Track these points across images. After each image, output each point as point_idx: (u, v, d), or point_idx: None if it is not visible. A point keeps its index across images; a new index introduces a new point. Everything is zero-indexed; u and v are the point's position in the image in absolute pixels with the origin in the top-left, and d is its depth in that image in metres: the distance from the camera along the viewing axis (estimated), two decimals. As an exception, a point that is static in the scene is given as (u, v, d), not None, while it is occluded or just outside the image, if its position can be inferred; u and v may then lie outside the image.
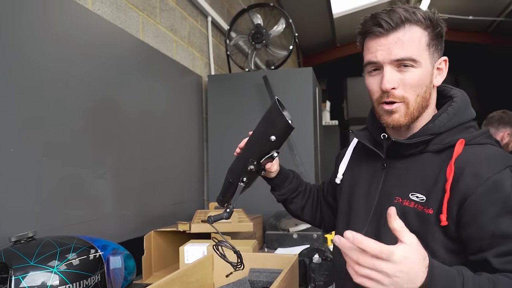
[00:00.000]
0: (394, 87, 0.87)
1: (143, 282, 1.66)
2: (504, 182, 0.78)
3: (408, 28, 0.86)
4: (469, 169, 0.81)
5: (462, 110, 0.90)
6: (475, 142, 0.86)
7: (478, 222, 0.78)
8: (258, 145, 0.98)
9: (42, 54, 1.34)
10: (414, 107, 0.88)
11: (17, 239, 1.04)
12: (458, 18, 6.23)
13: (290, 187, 1.19)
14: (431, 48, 0.88)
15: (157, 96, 2.10)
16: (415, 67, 0.86)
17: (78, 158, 1.49)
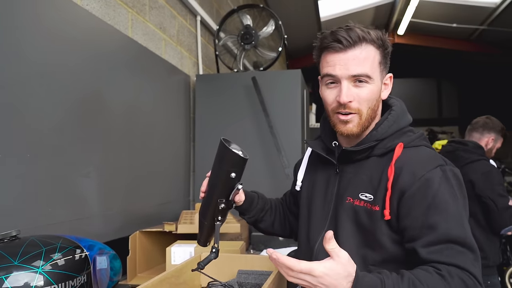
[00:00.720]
0: (351, 100, 0.96)
1: (128, 283, 1.63)
2: (434, 180, 0.88)
3: (364, 46, 0.95)
4: (406, 169, 0.91)
5: (400, 118, 1.00)
6: (412, 145, 0.96)
7: (412, 214, 0.88)
8: (221, 185, 1.00)
9: (29, 48, 1.31)
10: (365, 118, 0.98)
11: (0, 238, 1.00)
12: (443, 25, 6.35)
13: (258, 208, 1.23)
14: (381, 66, 0.98)
15: (144, 94, 2.08)
16: (369, 83, 0.96)
17: (63, 155, 1.46)
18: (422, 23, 6.45)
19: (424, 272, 0.83)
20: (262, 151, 2.54)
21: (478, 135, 2.38)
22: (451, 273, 0.81)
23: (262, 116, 2.50)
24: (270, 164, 2.51)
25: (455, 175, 0.92)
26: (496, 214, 2.12)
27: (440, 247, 0.85)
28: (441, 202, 0.87)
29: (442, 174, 0.90)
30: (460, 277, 0.81)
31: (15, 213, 1.22)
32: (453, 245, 0.84)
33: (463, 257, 0.83)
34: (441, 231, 0.85)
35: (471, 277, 0.82)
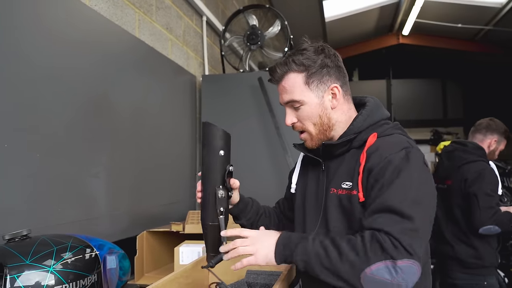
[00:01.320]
0: (293, 122, 1.10)
1: (136, 283, 1.63)
2: (395, 160, 0.96)
3: (286, 77, 1.08)
4: (376, 153, 0.99)
5: (374, 112, 1.09)
6: (385, 134, 1.05)
7: (372, 191, 0.96)
8: (213, 169, 1.07)
9: (38, 49, 1.32)
10: (316, 133, 1.09)
11: (11, 237, 1.01)
12: (448, 25, 6.32)
13: (253, 210, 1.29)
14: (311, 84, 1.06)
15: (151, 95, 2.08)
16: (303, 104, 1.07)
17: (72, 156, 1.46)
18: (427, 23, 6.43)
19: (349, 237, 0.92)
20: (268, 151, 2.54)
21: (481, 137, 2.38)
22: (373, 236, 0.88)
23: (268, 116, 2.50)
24: (276, 164, 2.50)
25: (417, 157, 0.97)
26: (477, 212, 2.13)
27: (376, 215, 0.91)
28: (394, 178, 0.93)
29: (405, 155, 0.96)
30: (379, 240, 0.86)
31: (25, 212, 1.23)
32: (388, 214, 0.90)
33: (392, 223, 0.88)
34: (381, 200, 0.92)
35: (395, 240, 0.86)
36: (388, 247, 0.85)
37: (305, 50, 1.07)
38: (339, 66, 1.09)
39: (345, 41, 7.38)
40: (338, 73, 1.08)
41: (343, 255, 0.88)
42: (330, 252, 0.89)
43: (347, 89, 1.11)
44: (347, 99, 1.11)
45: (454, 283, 2.25)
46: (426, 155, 2.56)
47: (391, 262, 0.84)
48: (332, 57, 1.08)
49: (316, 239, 0.94)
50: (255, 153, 2.54)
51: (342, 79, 1.10)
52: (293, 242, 0.95)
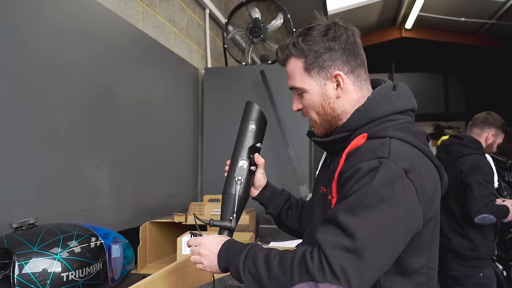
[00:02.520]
0: (299, 108, 1.04)
1: (139, 272, 1.66)
2: (363, 170, 0.83)
3: (288, 62, 1.01)
4: (351, 158, 0.89)
5: (373, 107, 0.94)
6: (376, 136, 0.91)
7: (337, 200, 0.88)
8: (240, 141, 1.11)
9: (43, 42, 1.33)
10: (320, 121, 1.01)
11: (19, 225, 1.03)
12: (451, 19, 6.29)
13: (281, 198, 1.23)
14: (312, 71, 0.97)
15: (154, 87, 2.10)
16: (304, 92, 1.00)
17: (77, 146, 1.48)
18: (430, 17, 6.40)
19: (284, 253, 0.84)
20: (270, 144, 2.55)
21: (478, 130, 2.43)
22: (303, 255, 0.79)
23: (270, 109, 2.51)
24: (278, 157, 2.52)
25: (390, 171, 0.82)
26: (471, 201, 2.17)
27: (322, 226, 0.83)
28: (354, 190, 0.82)
29: (377, 166, 0.83)
30: (306, 260, 0.78)
31: (32, 201, 1.25)
32: (331, 226, 0.80)
33: (331, 239, 0.78)
34: (332, 211, 0.83)
35: (324, 259, 0.76)
36: (312, 268, 0.76)
37: (309, 30, 0.96)
38: (348, 48, 0.96)
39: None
40: (346, 57, 0.95)
41: (271, 273, 0.81)
42: (259, 269, 0.83)
43: (360, 74, 0.98)
44: (359, 85, 0.98)
45: (452, 275, 2.29)
46: (428, 149, 2.57)
47: (314, 285, 0.75)
48: (338, 39, 0.94)
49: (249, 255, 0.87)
50: (256, 146, 2.56)
51: (352, 63, 0.96)
52: (229, 255, 0.91)
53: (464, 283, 2.24)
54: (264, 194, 1.21)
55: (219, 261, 0.92)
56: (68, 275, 0.97)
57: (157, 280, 1.04)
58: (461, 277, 2.25)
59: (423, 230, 0.88)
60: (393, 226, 0.80)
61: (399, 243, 0.82)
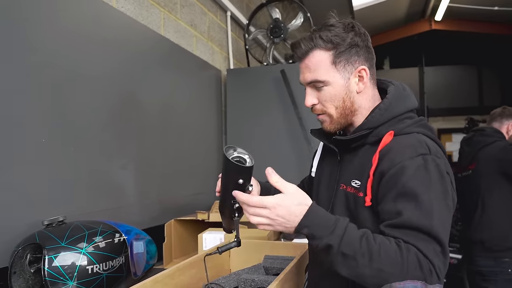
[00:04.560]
0: (313, 103, 1.02)
1: (164, 268, 1.74)
2: (410, 167, 0.88)
3: (311, 54, 0.99)
4: (388, 156, 0.92)
5: (393, 105, 0.99)
6: (403, 133, 0.96)
7: (384, 199, 0.90)
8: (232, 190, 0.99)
9: (71, 51, 1.42)
10: (336, 117, 1.01)
11: (49, 222, 1.12)
12: (483, 8, 6.08)
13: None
14: (338, 64, 0.98)
15: (177, 90, 2.18)
16: (326, 85, 0.99)
17: (104, 149, 1.58)
18: (460, 7, 6.20)
19: (384, 237, 0.84)
20: (291, 142, 2.59)
21: (498, 124, 2.46)
22: (409, 249, 0.82)
23: (291, 107, 2.55)
24: (299, 156, 2.56)
25: (436, 166, 0.89)
26: None
27: (404, 231, 0.84)
28: (411, 191, 0.86)
29: (422, 163, 0.89)
30: (418, 256, 0.81)
31: (61, 201, 1.35)
32: (417, 232, 0.83)
33: (426, 244, 0.82)
34: (406, 217, 0.84)
35: (430, 264, 0.81)
36: (425, 269, 0.80)
37: (333, 26, 0.98)
38: (369, 46, 1.01)
39: (375, 29, 7.24)
40: (367, 54, 1.01)
41: (374, 261, 0.80)
42: (359, 256, 0.81)
43: (373, 73, 1.04)
44: (373, 83, 1.04)
45: (479, 271, 2.26)
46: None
47: (423, 285, 0.79)
48: (362, 36, 1.00)
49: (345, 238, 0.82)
50: (278, 144, 2.60)
51: (370, 61, 1.02)
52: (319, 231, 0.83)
53: (492, 279, 2.20)
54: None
55: (298, 228, 0.85)
56: (93, 268, 1.05)
57: (175, 273, 1.11)
58: (488, 273, 2.21)
59: None
60: (450, 218, 0.90)
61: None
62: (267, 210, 0.84)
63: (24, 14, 1.24)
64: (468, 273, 2.38)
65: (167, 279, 1.06)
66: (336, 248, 0.82)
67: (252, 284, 1.19)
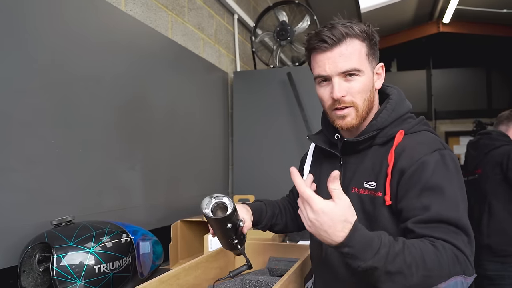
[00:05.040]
0: (344, 95, 0.98)
1: (170, 268, 1.75)
2: (430, 163, 0.90)
3: (349, 42, 0.97)
4: (405, 153, 0.94)
5: (398, 105, 1.03)
6: (412, 131, 0.99)
7: (407, 196, 0.91)
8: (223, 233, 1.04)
9: (79, 54, 1.45)
10: (362, 110, 1.01)
11: (58, 222, 1.14)
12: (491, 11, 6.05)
13: (268, 216, 1.23)
14: (369, 57, 1.00)
15: (185, 92, 2.20)
16: (359, 75, 0.98)
17: (111, 150, 1.60)
18: (469, 10, 6.19)
19: (418, 240, 0.84)
20: (297, 145, 2.60)
21: (505, 127, 2.45)
22: (444, 246, 0.83)
23: (297, 110, 2.56)
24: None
25: (452, 160, 0.93)
26: None
27: (433, 225, 0.86)
28: (436, 185, 0.88)
29: (440, 158, 0.92)
30: (453, 251, 0.83)
31: (70, 201, 1.37)
32: (446, 225, 0.85)
33: (456, 236, 0.85)
34: (434, 211, 0.86)
35: (464, 255, 0.84)
36: (462, 261, 0.82)
37: (355, 23, 0.99)
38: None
39: (382, 32, 7.23)
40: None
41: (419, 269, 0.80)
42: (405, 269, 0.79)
43: None
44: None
45: (487, 275, 2.25)
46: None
47: (463, 278, 0.81)
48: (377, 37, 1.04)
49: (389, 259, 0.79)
50: (284, 146, 2.61)
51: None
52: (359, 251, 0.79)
53: (499, 283, 2.19)
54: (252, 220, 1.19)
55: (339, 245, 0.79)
56: (100, 267, 1.07)
57: (181, 274, 1.12)
58: (496, 277, 2.21)
59: None
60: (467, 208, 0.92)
61: None
62: (310, 210, 0.80)
63: (33, 17, 1.27)
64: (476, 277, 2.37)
65: (173, 279, 1.08)
66: (382, 269, 0.79)
67: (257, 285, 1.20)
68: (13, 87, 1.18)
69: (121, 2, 1.74)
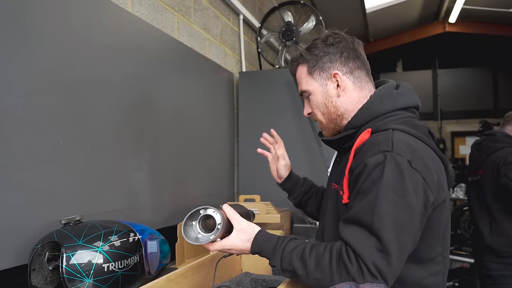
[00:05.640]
0: (308, 112, 1.14)
1: (177, 267, 1.77)
2: (370, 165, 0.89)
3: (297, 69, 1.14)
4: (359, 153, 0.95)
5: (375, 104, 1.02)
6: (379, 130, 0.97)
7: (351, 197, 0.94)
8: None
9: (86, 55, 1.47)
10: (326, 122, 1.10)
11: (67, 221, 1.16)
12: (498, 10, 6.02)
13: (302, 190, 1.36)
14: (314, 73, 1.08)
15: (191, 93, 2.21)
16: (310, 94, 1.10)
17: (119, 150, 1.61)
18: (475, 9, 6.15)
19: (318, 247, 0.90)
20: (302, 145, 2.60)
21: (510, 128, 2.42)
22: (340, 256, 0.85)
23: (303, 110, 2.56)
24: (310, 158, 2.57)
25: (396, 164, 0.87)
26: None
27: (348, 225, 0.88)
28: (366, 187, 0.89)
29: (382, 160, 0.88)
30: (345, 261, 0.84)
31: (78, 200, 1.39)
32: (358, 227, 0.86)
33: (363, 240, 0.84)
34: (352, 212, 0.89)
35: (360, 261, 0.83)
36: (352, 271, 0.83)
37: (314, 41, 1.10)
38: (347, 52, 1.06)
39: (388, 32, 7.22)
40: (345, 59, 1.06)
41: (309, 273, 0.87)
42: (298, 269, 0.89)
43: (361, 75, 1.07)
44: (360, 86, 1.06)
45: (489, 274, 2.25)
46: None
47: (354, 285, 0.82)
48: (336, 45, 1.06)
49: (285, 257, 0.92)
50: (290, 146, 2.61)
51: (351, 64, 1.06)
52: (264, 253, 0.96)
53: (501, 282, 2.19)
54: (286, 184, 1.37)
55: (252, 252, 0.99)
56: (108, 266, 1.08)
57: (188, 272, 1.13)
58: (498, 277, 2.21)
59: (437, 219, 0.94)
60: (411, 217, 0.86)
61: (418, 230, 0.89)
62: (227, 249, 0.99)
63: (42, 19, 1.29)
64: (480, 277, 2.37)
65: (180, 278, 1.09)
66: (279, 267, 0.92)
67: (263, 284, 1.20)
68: (22, 88, 1.20)
69: (128, 3, 1.76)
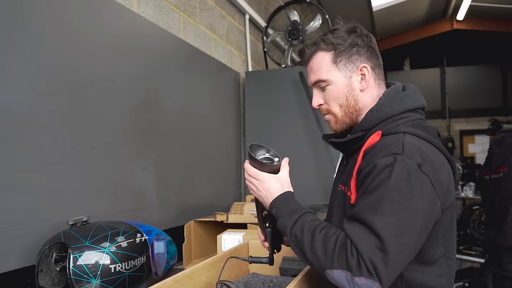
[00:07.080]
0: (320, 104, 1.07)
1: (184, 268, 1.77)
2: (379, 166, 0.89)
3: (314, 57, 1.06)
4: (369, 154, 0.94)
5: (385, 106, 1.00)
6: (389, 132, 0.96)
7: (358, 195, 0.93)
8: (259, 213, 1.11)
9: (93, 56, 1.47)
10: (342, 115, 1.05)
11: (74, 222, 1.16)
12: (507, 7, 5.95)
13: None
14: (339, 63, 1.03)
15: (197, 93, 2.21)
16: (329, 84, 1.04)
17: (125, 151, 1.61)
18: (483, 6, 6.09)
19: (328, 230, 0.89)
20: (309, 144, 2.59)
21: None
22: (345, 245, 0.85)
23: (309, 109, 2.55)
24: (317, 157, 2.55)
25: (405, 166, 0.87)
26: None
27: (351, 222, 0.88)
28: (373, 187, 0.88)
29: (392, 162, 0.88)
30: (347, 251, 0.83)
31: (85, 201, 1.39)
32: (359, 224, 0.86)
33: (363, 236, 0.84)
34: (355, 209, 0.88)
35: (359, 257, 0.82)
36: (351, 262, 0.82)
37: (336, 30, 1.04)
38: (371, 47, 1.05)
39: (395, 30, 7.16)
40: (370, 54, 1.04)
41: (314, 248, 0.88)
42: (304, 239, 0.90)
43: (379, 73, 1.06)
44: (378, 83, 1.05)
45: (508, 276, 2.20)
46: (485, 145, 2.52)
47: (350, 275, 0.82)
48: (363, 37, 1.04)
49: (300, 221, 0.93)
50: (297, 146, 2.61)
51: (374, 61, 1.05)
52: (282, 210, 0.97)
53: None
54: None
55: (270, 207, 1.00)
56: (115, 267, 1.08)
57: (195, 273, 1.13)
58: None
59: (441, 221, 0.93)
60: (414, 220, 0.85)
61: (421, 235, 0.87)
62: (257, 181, 1.02)
63: (49, 21, 1.29)
64: (495, 278, 2.33)
65: (187, 279, 1.08)
66: (289, 229, 0.93)
67: (271, 285, 1.20)
68: (29, 90, 1.21)
69: (134, 4, 1.76)
